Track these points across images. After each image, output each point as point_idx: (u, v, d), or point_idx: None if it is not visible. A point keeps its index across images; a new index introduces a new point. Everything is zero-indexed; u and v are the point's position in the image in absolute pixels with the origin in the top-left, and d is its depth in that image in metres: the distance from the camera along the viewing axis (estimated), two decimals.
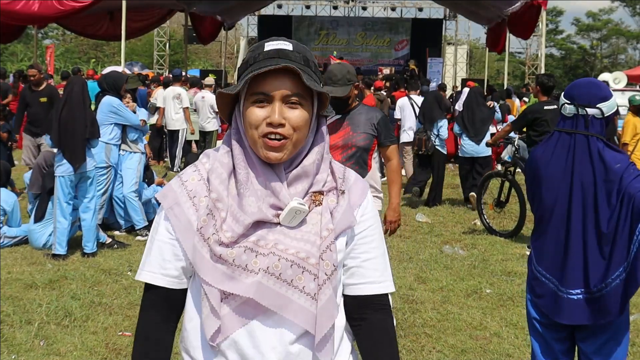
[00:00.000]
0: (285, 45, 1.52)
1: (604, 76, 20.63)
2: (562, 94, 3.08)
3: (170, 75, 14.50)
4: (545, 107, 7.80)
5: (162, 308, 1.62)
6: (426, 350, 4.59)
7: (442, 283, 6.13)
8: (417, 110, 11.33)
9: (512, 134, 9.08)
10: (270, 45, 1.52)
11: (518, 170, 8.39)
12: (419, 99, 11.83)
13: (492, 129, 10.70)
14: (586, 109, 2.90)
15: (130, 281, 5.98)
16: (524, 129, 8.23)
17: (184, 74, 15.62)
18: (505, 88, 17.74)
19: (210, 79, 14.49)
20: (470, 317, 5.25)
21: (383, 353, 1.62)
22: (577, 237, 2.88)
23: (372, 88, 15.54)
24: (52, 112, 7.23)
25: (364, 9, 30.44)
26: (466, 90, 15.57)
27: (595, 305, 2.82)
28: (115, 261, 6.65)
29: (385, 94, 15.50)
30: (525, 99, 15.46)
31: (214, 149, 1.62)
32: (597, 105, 2.91)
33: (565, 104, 2.97)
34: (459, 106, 15.27)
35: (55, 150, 6.76)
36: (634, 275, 2.72)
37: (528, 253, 3.87)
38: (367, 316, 1.63)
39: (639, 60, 47.49)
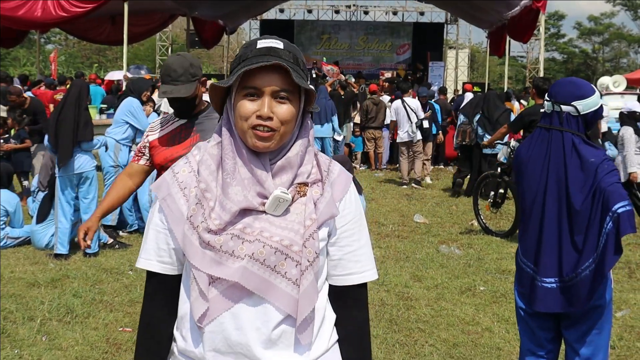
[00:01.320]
0: (277, 43, 1.63)
1: (603, 80, 20.72)
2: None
3: None
4: (542, 110, 7.88)
5: (163, 294, 1.73)
6: (419, 345, 4.69)
7: (437, 281, 6.24)
8: (410, 112, 12.09)
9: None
10: (262, 43, 1.63)
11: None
12: (412, 102, 12.40)
13: None
14: (561, 105, 3.04)
15: (131, 279, 6.10)
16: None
17: None
18: (505, 91, 17.81)
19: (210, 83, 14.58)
20: (463, 313, 5.35)
21: (352, 349, 1.77)
22: (551, 229, 3.02)
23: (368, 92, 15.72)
24: (52, 114, 7.36)
25: (366, 13, 30.55)
26: (468, 94, 15.76)
27: (567, 293, 2.96)
28: (116, 261, 6.76)
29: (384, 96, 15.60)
30: (524, 101, 15.54)
31: (206, 141, 1.73)
32: (572, 103, 3.04)
33: (545, 101, 3.13)
34: (461, 110, 15.50)
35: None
36: (601, 267, 2.85)
37: None
38: (343, 310, 1.76)
39: None
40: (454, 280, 6.27)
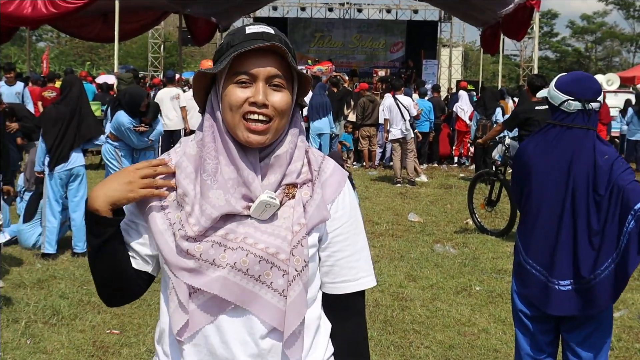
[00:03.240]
0: (268, 29, 1.50)
1: (596, 78, 20.68)
2: (555, 87, 3.03)
3: (165, 78, 14.52)
4: (537, 107, 7.83)
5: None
6: (414, 346, 4.58)
7: (432, 281, 6.13)
8: (403, 109, 12.13)
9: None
10: (252, 29, 1.49)
11: (509, 169, 8.40)
12: (404, 99, 12.42)
13: None
14: (591, 103, 2.92)
15: None
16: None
17: (177, 75, 15.61)
18: (499, 89, 17.76)
19: None
20: (459, 313, 5.25)
21: None
22: (567, 229, 2.89)
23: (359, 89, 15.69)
24: (47, 108, 7.21)
25: (359, 11, 30.45)
26: (464, 93, 15.69)
27: (584, 296, 2.83)
28: None
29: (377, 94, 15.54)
30: (517, 100, 15.48)
31: (190, 137, 1.58)
32: (597, 99, 2.94)
33: (570, 100, 2.94)
34: (456, 108, 15.44)
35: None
36: (624, 268, 2.73)
37: None
38: (340, 319, 1.61)
39: (633, 63, 47.60)
40: (449, 280, 6.16)
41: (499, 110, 12.79)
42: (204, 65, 15.98)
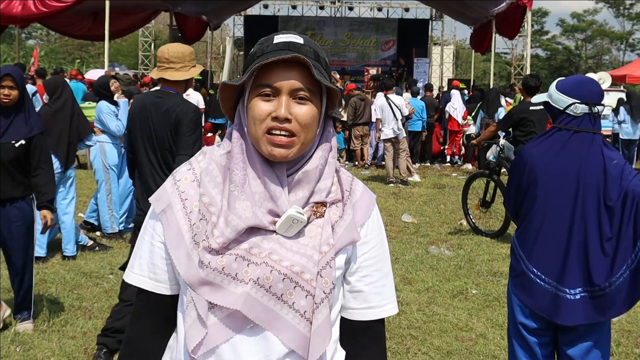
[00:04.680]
0: (296, 38, 1.43)
1: (587, 76, 20.71)
2: (558, 90, 2.97)
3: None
4: (532, 108, 7.79)
5: (152, 314, 1.52)
6: (411, 353, 4.52)
7: (428, 284, 6.07)
8: (395, 108, 12.12)
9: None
10: (280, 38, 1.43)
11: (503, 170, 8.36)
12: (396, 98, 12.42)
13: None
14: (597, 107, 2.88)
15: (111, 284, 5.87)
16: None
17: None
18: (492, 88, 17.76)
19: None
20: (456, 318, 5.19)
21: None
22: (577, 236, 2.83)
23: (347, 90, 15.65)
24: (42, 109, 7.11)
25: (351, 9, 30.37)
26: (456, 92, 15.68)
27: (596, 304, 2.77)
28: (96, 264, 6.53)
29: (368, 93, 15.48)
30: (509, 99, 15.46)
31: (214, 146, 1.52)
32: (602, 102, 2.89)
33: (577, 104, 2.89)
34: (448, 107, 15.42)
35: None
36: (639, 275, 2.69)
37: None
38: (362, 348, 1.54)
39: (623, 61, 47.78)
40: (445, 283, 6.11)
41: (501, 110, 13.04)
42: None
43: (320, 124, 1.46)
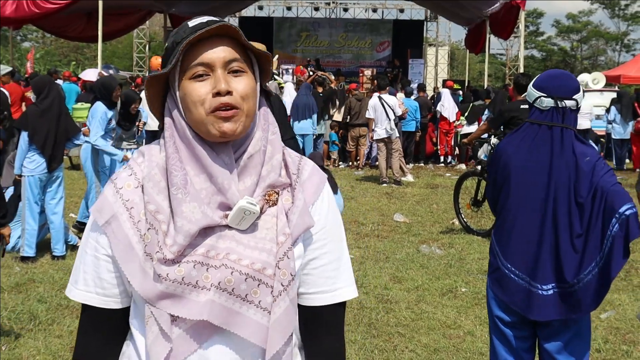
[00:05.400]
0: (212, 17, 1.38)
1: (582, 77, 20.76)
2: (532, 85, 2.99)
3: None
4: (522, 106, 7.78)
5: (104, 330, 1.43)
6: (399, 350, 4.51)
7: (418, 282, 6.06)
8: (387, 109, 12.11)
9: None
10: (196, 21, 1.38)
11: None
12: (389, 98, 12.42)
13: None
14: (565, 101, 2.85)
15: None
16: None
17: None
18: (485, 88, 17.77)
19: None
20: (444, 316, 5.18)
21: None
22: (549, 232, 2.81)
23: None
24: (30, 109, 7.08)
25: (345, 10, 30.42)
26: (445, 90, 15.70)
27: (567, 300, 2.76)
28: None
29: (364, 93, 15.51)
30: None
31: (153, 145, 1.42)
32: (573, 97, 2.86)
33: (542, 97, 2.88)
34: (439, 107, 15.42)
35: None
36: (607, 272, 2.67)
37: None
38: (314, 336, 1.46)
39: (618, 62, 47.89)
40: (435, 282, 6.10)
41: None
42: (154, 63, 15.69)
43: (258, 97, 1.41)
